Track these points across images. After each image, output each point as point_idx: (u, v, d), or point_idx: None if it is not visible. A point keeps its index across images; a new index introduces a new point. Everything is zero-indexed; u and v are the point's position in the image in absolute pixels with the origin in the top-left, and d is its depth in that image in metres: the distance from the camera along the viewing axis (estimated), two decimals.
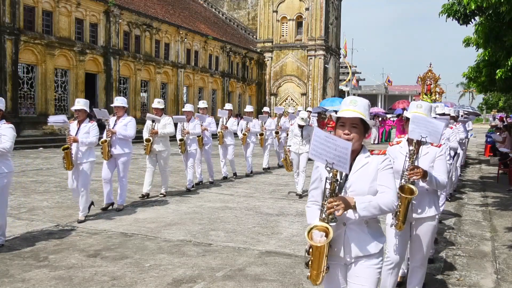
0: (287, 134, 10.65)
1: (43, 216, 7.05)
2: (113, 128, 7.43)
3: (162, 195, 8.87)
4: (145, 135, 8.63)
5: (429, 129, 3.52)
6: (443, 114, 6.74)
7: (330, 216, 2.37)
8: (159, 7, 32.63)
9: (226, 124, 11.28)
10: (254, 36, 43.83)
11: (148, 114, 8.90)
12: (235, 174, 11.82)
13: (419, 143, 3.61)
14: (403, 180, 3.55)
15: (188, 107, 9.99)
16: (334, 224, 2.40)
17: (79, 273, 4.67)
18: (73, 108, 6.84)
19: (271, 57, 42.51)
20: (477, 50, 11.20)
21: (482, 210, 8.40)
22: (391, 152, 3.82)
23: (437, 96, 21.06)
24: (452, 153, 7.42)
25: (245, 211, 7.85)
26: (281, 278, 4.64)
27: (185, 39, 32.03)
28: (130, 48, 27.17)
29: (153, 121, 8.55)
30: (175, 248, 5.59)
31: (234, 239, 6.07)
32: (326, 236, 2.37)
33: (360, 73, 67.79)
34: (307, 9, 40.88)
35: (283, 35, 42.17)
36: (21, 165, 12.88)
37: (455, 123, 8.56)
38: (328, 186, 2.40)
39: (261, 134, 12.96)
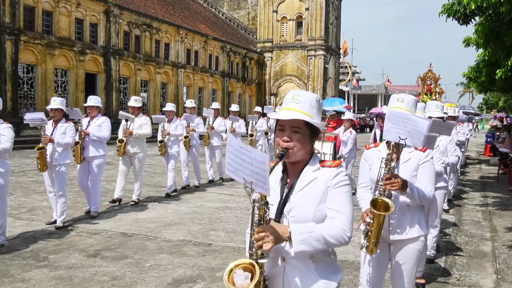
0: None
1: (43, 216, 7.04)
2: (86, 129, 6.96)
3: (133, 203, 7.97)
4: (120, 135, 7.95)
5: (409, 128, 2.81)
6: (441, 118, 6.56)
7: (258, 251, 1.80)
8: (159, 7, 32.63)
9: (212, 124, 10.50)
10: (254, 36, 43.83)
11: (121, 112, 8.17)
12: (221, 178, 11.14)
13: (398, 147, 2.91)
14: (377, 192, 2.84)
15: (169, 106, 9.30)
16: (264, 260, 1.82)
17: (79, 273, 4.67)
18: (48, 107, 6.47)
19: (271, 57, 42.53)
20: (477, 50, 11.21)
21: (482, 210, 8.40)
22: (367, 156, 3.19)
23: (437, 96, 21.07)
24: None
25: (245, 211, 7.85)
26: None
27: (185, 39, 32.03)
28: (130, 48, 27.18)
29: (126, 120, 7.87)
30: (175, 248, 5.59)
31: (234, 239, 6.07)
32: (252, 277, 1.79)
33: (360, 73, 67.82)
34: (307, 9, 40.89)
35: (283, 35, 42.19)
36: (21, 165, 12.87)
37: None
38: (256, 211, 1.82)
39: (251, 135, 12.24)
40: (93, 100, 7.16)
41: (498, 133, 17.84)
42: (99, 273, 4.68)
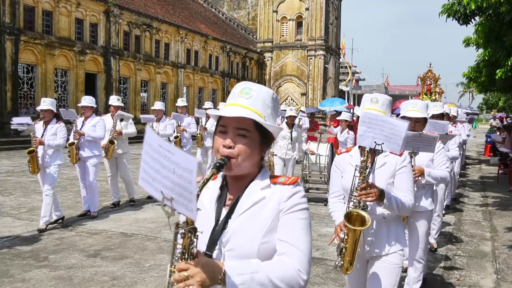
0: None
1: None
2: (81, 129, 6.88)
3: (132, 203, 8.03)
4: (106, 136, 7.57)
5: (386, 132, 2.52)
6: (442, 115, 6.38)
7: None
8: (159, 7, 32.63)
9: (205, 124, 10.12)
10: (254, 36, 43.84)
11: (119, 112, 7.93)
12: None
13: (373, 153, 2.62)
14: (351, 204, 2.54)
15: (157, 105, 9.11)
16: None
17: (79, 273, 4.67)
18: (38, 108, 6.40)
19: (271, 57, 42.52)
20: (477, 50, 11.21)
21: (482, 210, 8.40)
22: (338, 162, 2.86)
23: (437, 96, 21.07)
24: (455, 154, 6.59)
25: None
26: None
27: (185, 39, 32.03)
28: (130, 48, 27.18)
29: (121, 120, 7.71)
30: None
31: None
32: None
33: (360, 73, 67.86)
34: (307, 9, 40.89)
35: (283, 35, 42.18)
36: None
37: (453, 124, 8.43)
38: (179, 240, 1.31)
39: None
40: (87, 100, 7.05)
41: (498, 133, 17.84)
42: (99, 273, 4.69)
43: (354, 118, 8.17)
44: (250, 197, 1.53)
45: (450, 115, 7.63)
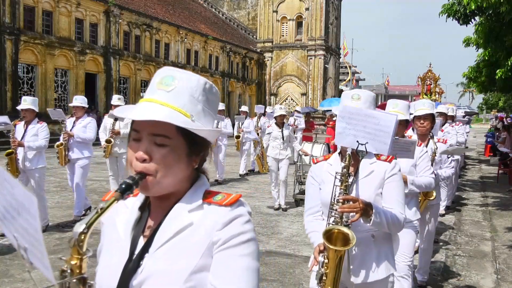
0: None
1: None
2: (71, 130, 6.62)
3: None
4: (102, 136, 7.57)
5: (370, 129, 2.13)
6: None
7: None
8: (159, 7, 32.63)
9: None
10: (254, 36, 43.83)
11: (111, 111, 7.74)
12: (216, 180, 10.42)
13: (356, 156, 2.25)
14: (331, 220, 2.14)
15: None
16: None
17: None
18: (18, 107, 6.09)
19: (271, 57, 42.51)
20: (477, 50, 11.22)
21: (482, 210, 8.40)
22: (315, 172, 2.43)
23: (437, 96, 21.06)
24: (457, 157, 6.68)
25: None
26: (281, 278, 4.64)
27: (185, 39, 32.04)
28: (130, 48, 27.18)
29: (116, 119, 7.46)
30: None
31: None
32: None
33: (360, 73, 67.88)
34: (307, 9, 40.88)
35: (283, 35, 42.17)
36: None
37: (453, 123, 8.41)
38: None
39: (237, 137, 11.60)
40: (79, 100, 6.78)
41: (497, 133, 17.84)
42: None
43: None
44: (174, 223, 1.13)
45: (448, 115, 7.60)
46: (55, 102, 22.39)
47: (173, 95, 1.12)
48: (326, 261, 2.08)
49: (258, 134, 11.13)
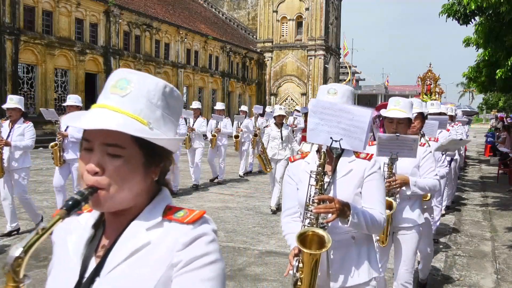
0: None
1: (43, 216, 7.03)
2: (65, 130, 6.38)
3: None
4: None
5: (344, 124, 2.02)
6: (439, 114, 6.11)
7: None
8: (159, 7, 32.64)
9: (193, 125, 9.75)
10: (254, 36, 43.84)
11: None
12: (195, 185, 10.05)
13: (331, 154, 2.14)
14: (307, 222, 2.03)
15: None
16: None
17: None
18: (4, 106, 5.94)
19: (271, 57, 42.53)
20: (477, 50, 11.22)
21: (482, 210, 8.40)
22: (292, 171, 2.34)
23: (437, 96, 21.06)
24: (449, 159, 6.25)
25: (245, 211, 7.85)
26: (281, 278, 4.64)
27: (185, 39, 32.04)
28: (130, 48, 27.18)
29: None
30: None
31: (234, 239, 6.07)
32: None
33: (360, 73, 67.92)
34: (307, 9, 40.90)
35: (283, 35, 42.19)
36: None
37: (452, 123, 8.40)
38: None
39: (236, 137, 11.49)
40: (73, 100, 6.52)
41: (497, 133, 17.84)
42: None
43: None
44: (129, 243, 1.02)
45: (447, 114, 7.57)
46: (55, 102, 22.39)
47: (128, 100, 1.01)
48: (300, 265, 1.98)
49: (256, 135, 10.94)
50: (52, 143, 6.41)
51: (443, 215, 7.53)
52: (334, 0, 43.59)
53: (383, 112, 3.22)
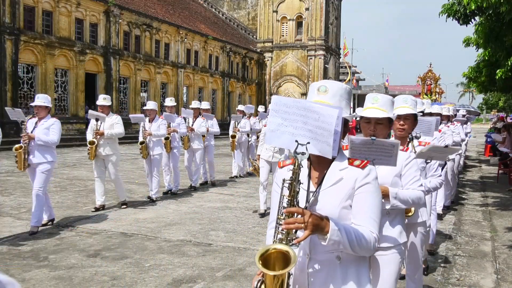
0: (258, 137, 9.02)
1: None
2: (32, 132, 6.04)
3: (125, 206, 7.71)
4: (89, 137, 7.34)
5: (310, 125, 1.75)
6: (431, 114, 5.85)
7: None
8: (159, 7, 32.64)
9: (192, 125, 9.57)
10: (254, 36, 43.85)
11: (90, 111, 7.52)
12: (191, 186, 9.88)
13: (321, 159, 1.92)
14: (279, 237, 1.74)
15: (150, 105, 8.64)
16: None
17: (79, 273, 4.67)
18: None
19: (271, 57, 42.54)
20: (477, 50, 11.21)
21: (482, 210, 8.40)
22: (279, 179, 1.96)
23: (437, 96, 21.06)
24: (443, 162, 5.59)
25: (245, 211, 7.85)
26: None
27: (185, 39, 32.04)
28: (130, 48, 27.18)
29: (97, 120, 7.24)
30: (175, 248, 5.59)
31: (234, 239, 6.07)
32: None
33: (360, 73, 67.87)
34: (307, 9, 40.91)
35: (283, 35, 42.20)
36: None
37: (449, 123, 8.38)
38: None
39: (233, 137, 11.32)
40: (41, 99, 6.18)
41: (498, 133, 17.82)
42: (99, 273, 4.69)
43: (354, 119, 7.06)
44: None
45: (443, 114, 7.53)
46: (55, 102, 22.39)
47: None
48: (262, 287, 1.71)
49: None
50: (16, 145, 6.03)
51: (440, 217, 7.54)
52: (334, 0, 43.59)
53: (359, 111, 2.84)
